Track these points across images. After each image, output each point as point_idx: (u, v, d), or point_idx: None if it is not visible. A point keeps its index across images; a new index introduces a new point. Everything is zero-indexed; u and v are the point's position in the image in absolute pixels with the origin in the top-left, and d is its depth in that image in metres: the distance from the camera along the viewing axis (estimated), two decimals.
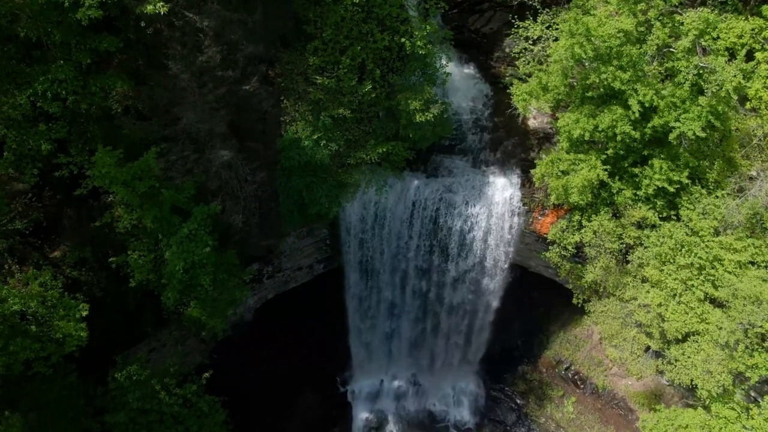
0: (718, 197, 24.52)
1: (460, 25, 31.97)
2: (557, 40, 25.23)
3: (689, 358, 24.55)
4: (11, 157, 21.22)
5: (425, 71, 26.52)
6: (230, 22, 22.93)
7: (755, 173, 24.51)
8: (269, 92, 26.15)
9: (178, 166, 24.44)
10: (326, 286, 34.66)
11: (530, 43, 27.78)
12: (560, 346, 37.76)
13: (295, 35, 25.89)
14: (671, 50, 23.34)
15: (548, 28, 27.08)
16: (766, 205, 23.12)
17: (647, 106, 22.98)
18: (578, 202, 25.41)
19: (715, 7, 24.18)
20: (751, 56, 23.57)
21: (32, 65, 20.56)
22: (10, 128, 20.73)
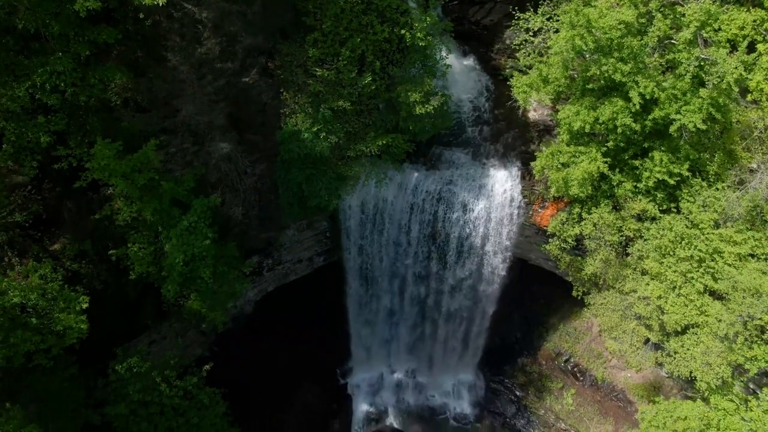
0: (718, 190, 24.49)
1: (460, 16, 31.80)
2: (558, 31, 25.13)
3: (688, 350, 24.59)
4: (10, 149, 21.18)
5: (425, 63, 26.43)
6: (229, 13, 22.83)
7: (756, 165, 24.46)
8: (269, 84, 26.07)
9: (177, 158, 24.39)
10: (326, 278, 34.68)
11: (531, 34, 27.66)
12: (560, 338, 37.83)
13: (294, 27, 25.78)
14: (672, 42, 23.24)
15: (549, 19, 26.97)
16: (766, 197, 23.08)
17: (648, 98, 22.90)
18: (578, 194, 25.37)
19: None
20: (752, 48, 23.47)
21: (31, 57, 20.46)
22: (9, 120, 20.66)
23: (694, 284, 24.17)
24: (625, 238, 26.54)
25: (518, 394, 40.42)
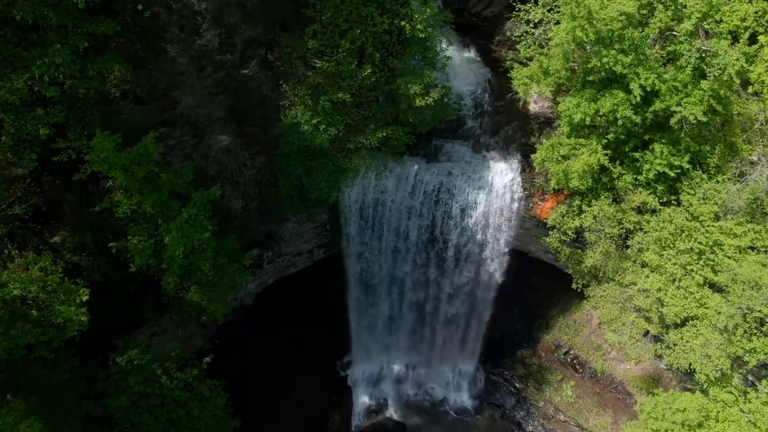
0: (718, 182, 24.47)
1: (460, 8, 31.57)
2: (558, 23, 24.99)
3: (688, 342, 24.66)
4: (9, 141, 21.12)
5: (425, 55, 26.30)
6: (228, 4, 22.73)
7: (756, 158, 24.43)
8: (268, 76, 25.97)
9: (177, 150, 24.35)
10: (326, 270, 34.70)
11: (531, 26, 27.52)
12: (559, 330, 37.93)
13: (293, 18, 25.62)
14: (674, 33, 23.13)
15: (549, 11, 26.82)
16: (766, 189, 23.07)
17: (649, 90, 22.82)
18: (578, 187, 25.35)
19: None
20: (754, 39, 23.38)
21: (29, 49, 20.35)
22: (7, 113, 20.59)
23: (693, 276, 24.21)
24: (625, 230, 26.55)
25: (518, 386, 40.58)
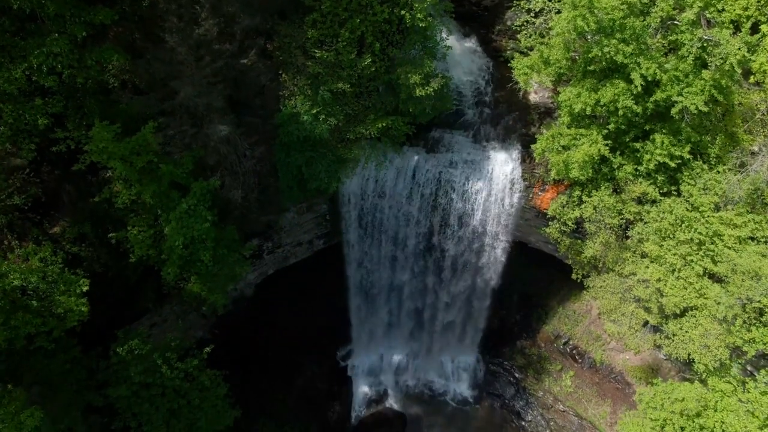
0: (719, 172, 24.42)
1: None
2: (559, 12, 24.83)
3: (687, 332, 24.72)
4: (8, 131, 21.09)
5: (425, 44, 26.15)
6: None
7: (757, 148, 24.37)
8: (267, 66, 25.85)
9: (176, 140, 24.26)
10: (326, 260, 34.71)
11: (532, 15, 27.37)
12: (559, 320, 38.02)
13: (293, 7, 25.45)
14: (675, 23, 22.99)
15: (550, 0, 26.65)
16: (767, 180, 23.02)
17: (650, 80, 22.71)
18: (579, 177, 25.30)
19: None
20: (756, 29, 23.23)
21: (27, 38, 20.27)
22: (6, 102, 20.56)
23: (693, 267, 24.22)
24: (625, 221, 26.53)
25: (517, 376, 40.74)
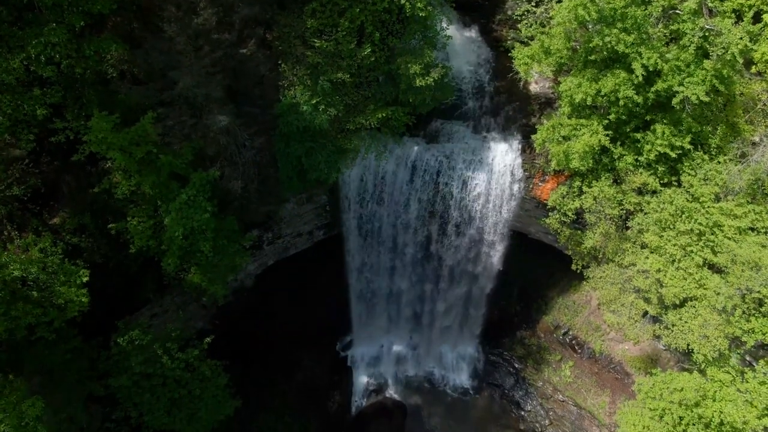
0: (720, 163, 24.36)
1: None
2: (561, 1, 24.65)
3: (686, 323, 24.76)
4: (6, 122, 20.98)
5: (425, 34, 25.99)
6: None
7: (758, 139, 24.30)
8: (266, 56, 25.72)
9: (175, 131, 24.22)
10: (326, 251, 34.73)
11: (533, 5, 27.23)
12: (559, 311, 38.09)
13: None
14: (677, 12, 22.84)
15: None
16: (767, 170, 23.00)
17: (651, 69, 22.61)
18: (579, 167, 25.25)
19: None
20: (758, 18, 23.08)
21: (24, 28, 20.11)
22: (4, 93, 20.42)
23: (693, 257, 24.23)
24: (625, 211, 26.50)
25: (517, 366, 40.89)
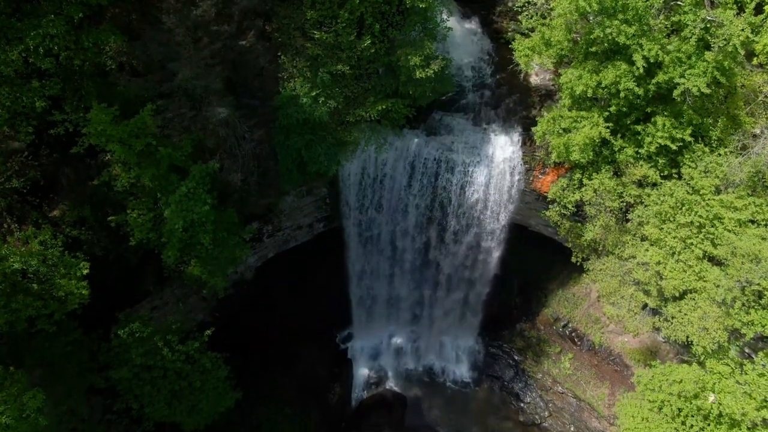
0: (720, 155, 24.32)
1: None
2: None
3: (686, 315, 24.80)
4: (5, 114, 20.94)
5: (426, 26, 25.88)
6: None
7: (759, 131, 24.25)
8: (266, 48, 25.63)
9: (174, 123, 24.16)
10: (326, 244, 34.74)
11: None
12: (558, 303, 38.16)
13: None
14: (678, 3, 22.73)
15: None
16: None
17: (652, 61, 22.53)
18: (579, 160, 25.21)
19: None
20: (760, 9, 22.96)
21: (23, 20, 20.02)
22: (2, 85, 20.38)
23: (693, 250, 24.23)
24: (625, 204, 26.49)
25: (516, 358, 41.00)
